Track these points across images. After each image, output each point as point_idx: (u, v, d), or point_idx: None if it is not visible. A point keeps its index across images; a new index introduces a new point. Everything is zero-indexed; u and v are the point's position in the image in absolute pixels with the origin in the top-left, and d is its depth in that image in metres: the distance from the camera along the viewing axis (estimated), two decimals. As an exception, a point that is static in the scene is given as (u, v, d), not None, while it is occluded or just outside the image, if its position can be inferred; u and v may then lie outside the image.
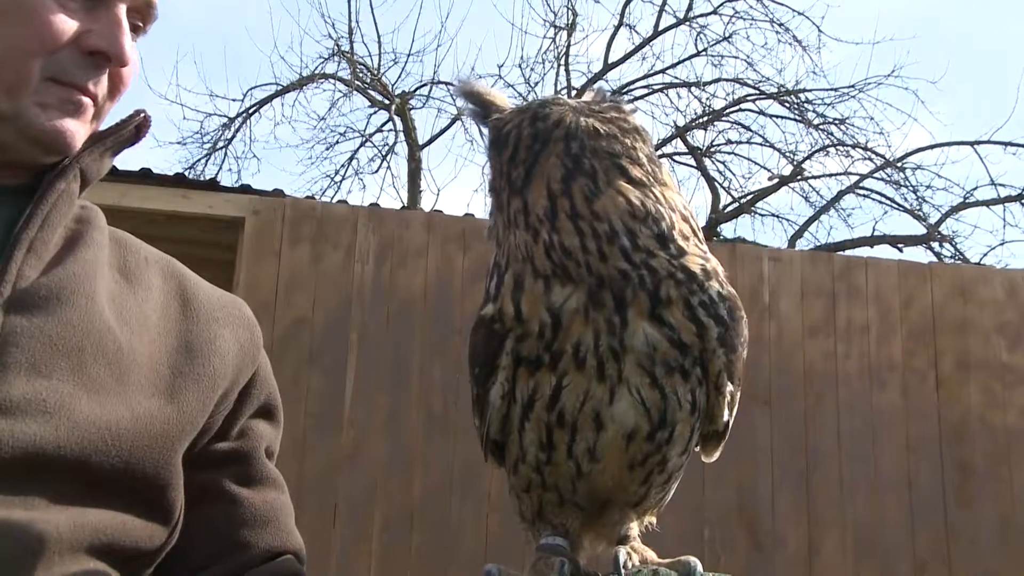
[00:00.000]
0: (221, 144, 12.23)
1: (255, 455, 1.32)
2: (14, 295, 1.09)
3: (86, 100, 1.17)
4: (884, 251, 11.39)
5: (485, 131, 1.22)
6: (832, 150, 12.09)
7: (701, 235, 1.16)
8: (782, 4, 12.05)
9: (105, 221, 1.26)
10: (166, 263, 1.32)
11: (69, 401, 1.08)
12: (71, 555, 1.09)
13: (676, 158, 12.59)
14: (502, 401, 1.17)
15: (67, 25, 1.13)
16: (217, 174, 11.94)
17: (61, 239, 1.17)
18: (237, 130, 12.28)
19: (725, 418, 1.16)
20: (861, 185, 11.96)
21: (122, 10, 1.17)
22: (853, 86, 11.95)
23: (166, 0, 1.23)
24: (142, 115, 1.27)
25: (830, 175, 12.27)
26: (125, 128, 1.26)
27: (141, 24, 1.22)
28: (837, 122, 11.97)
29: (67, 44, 1.13)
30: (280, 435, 1.38)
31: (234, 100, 12.48)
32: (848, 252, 10.20)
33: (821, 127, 12.03)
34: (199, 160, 12.16)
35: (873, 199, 11.95)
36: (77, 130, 1.17)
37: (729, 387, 1.13)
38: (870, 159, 12.02)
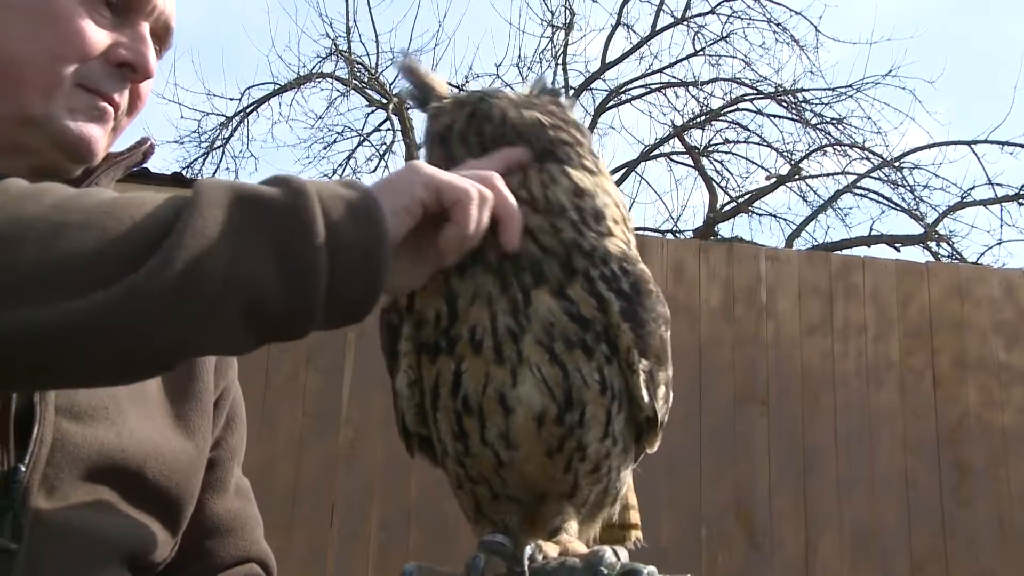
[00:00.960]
0: (219, 143, 12.21)
1: (221, 463, 1.36)
2: None
3: (110, 109, 1.22)
4: (881, 251, 11.40)
5: (421, 114, 1.22)
6: (830, 150, 12.08)
7: (631, 226, 1.16)
8: (779, 4, 12.06)
9: None
10: None
11: (125, 409, 1.15)
12: (117, 560, 1.13)
13: (674, 157, 12.58)
14: (410, 390, 1.17)
15: (99, 36, 1.19)
16: (215, 173, 11.92)
17: None
18: (235, 129, 12.26)
19: (646, 399, 1.12)
20: (858, 185, 11.96)
21: (146, 28, 1.24)
22: (851, 86, 11.95)
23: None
24: (148, 143, 1.35)
25: (828, 175, 12.27)
26: (135, 153, 1.32)
27: (158, 47, 1.29)
28: (835, 122, 11.97)
29: (98, 54, 1.19)
30: (243, 440, 1.42)
31: (232, 99, 12.46)
32: (845, 252, 10.20)
33: (819, 127, 12.02)
34: (197, 159, 12.15)
35: (871, 199, 11.94)
36: (101, 138, 1.22)
37: (643, 364, 1.10)
38: (867, 159, 12.02)
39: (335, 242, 0.91)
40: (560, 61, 12.38)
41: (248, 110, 12.26)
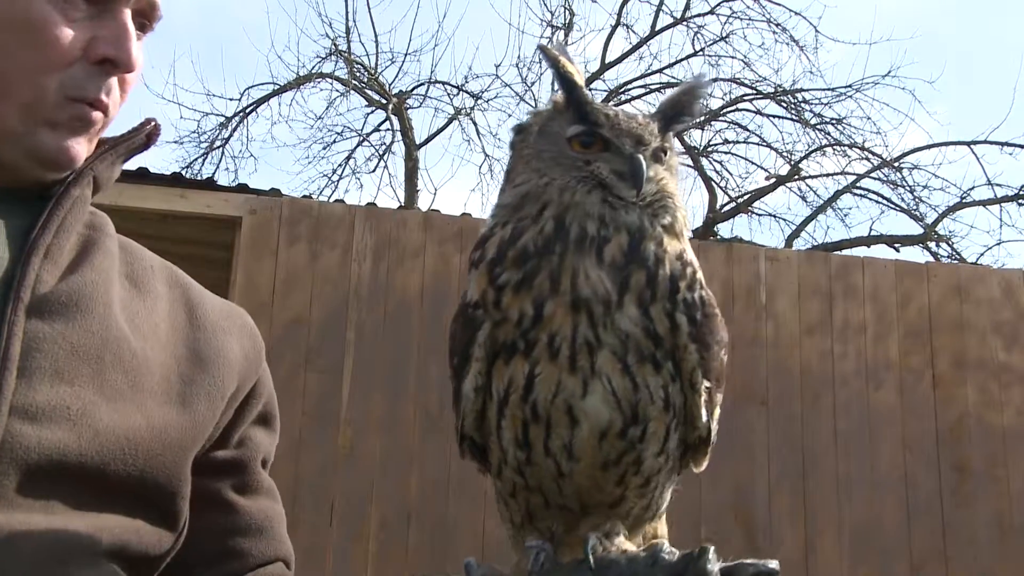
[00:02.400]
0: (218, 143, 12.23)
1: (253, 465, 1.34)
2: (34, 301, 1.09)
3: (97, 114, 1.17)
4: (881, 251, 11.40)
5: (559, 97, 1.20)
6: (829, 150, 12.10)
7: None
8: (779, 4, 12.07)
9: (113, 227, 1.26)
10: (170, 271, 1.33)
11: (91, 409, 1.09)
12: (88, 560, 1.10)
13: (673, 158, 12.56)
14: (476, 395, 1.17)
15: (76, 38, 1.13)
16: (214, 173, 11.93)
17: (75, 245, 1.18)
18: (234, 129, 12.29)
19: (704, 419, 1.15)
20: (858, 185, 11.97)
21: (127, 15, 1.17)
22: (850, 86, 11.97)
23: (163, 0, 1.24)
24: (153, 123, 1.29)
25: (827, 175, 12.29)
26: (136, 136, 1.27)
27: (147, 22, 1.22)
28: (834, 122, 11.99)
29: (78, 58, 1.13)
30: (276, 442, 1.40)
31: (231, 99, 12.47)
32: (845, 252, 10.20)
33: (818, 127, 12.04)
34: (196, 159, 12.16)
35: (870, 199, 11.96)
36: (82, 148, 1.18)
37: (705, 384, 1.13)
38: (867, 159, 12.04)
39: None
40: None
41: (248, 110, 12.28)
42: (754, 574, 1.04)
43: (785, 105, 12.27)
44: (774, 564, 1.05)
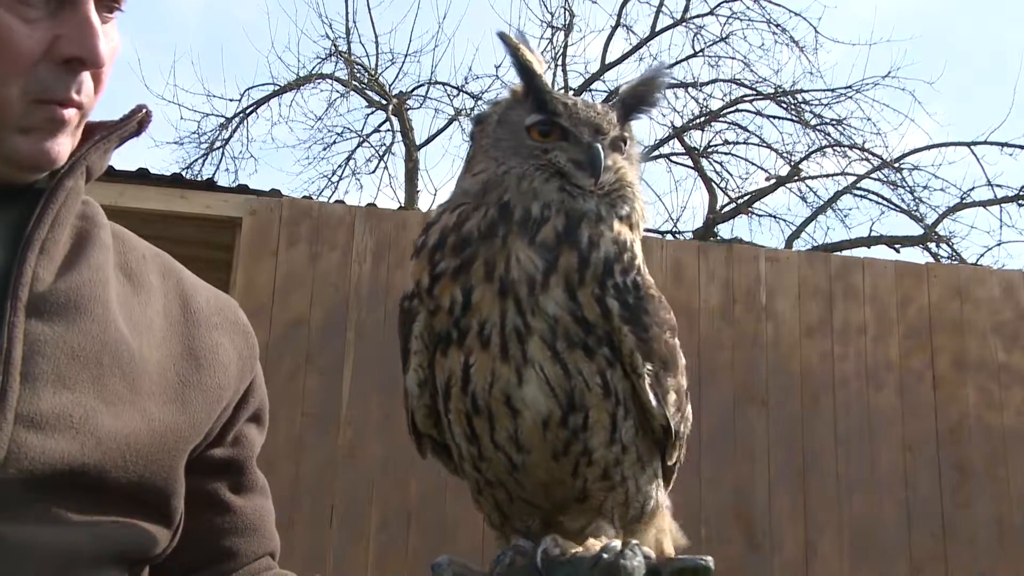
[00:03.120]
0: (218, 144, 12.23)
1: (248, 463, 1.34)
2: (32, 300, 1.07)
3: (70, 113, 1.12)
4: (881, 251, 11.40)
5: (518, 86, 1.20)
6: (829, 151, 12.11)
7: (642, 228, 1.18)
8: (779, 5, 12.06)
9: (105, 216, 1.24)
10: (162, 260, 1.31)
11: (92, 416, 1.07)
12: (91, 567, 1.09)
13: (673, 158, 12.59)
14: (420, 389, 1.17)
15: (33, 41, 1.06)
16: (214, 174, 11.94)
17: (69, 238, 1.16)
18: (234, 130, 12.28)
19: (653, 404, 1.11)
20: (858, 186, 11.97)
21: (89, 6, 1.10)
22: (850, 87, 11.97)
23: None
24: (144, 110, 1.25)
25: (827, 175, 12.29)
26: (128, 123, 1.24)
27: (117, 5, 1.14)
28: (834, 123, 11.99)
29: (40, 59, 1.07)
30: (264, 437, 1.39)
31: (231, 100, 12.46)
32: (845, 252, 10.20)
33: (818, 128, 12.04)
34: (196, 160, 12.16)
35: (870, 199, 11.96)
36: (63, 146, 1.13)
37: (647, 367, 1.10)
38: (867, 160, 12.03)
39: None
40: (560, 62, 12.39)
41: (248, 111, 12.28)
42: (679, 568, 1.03)
43: (785, 106, 12.27)
44: (708, 560, 1.04)
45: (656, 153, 12.42)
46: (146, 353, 1.16)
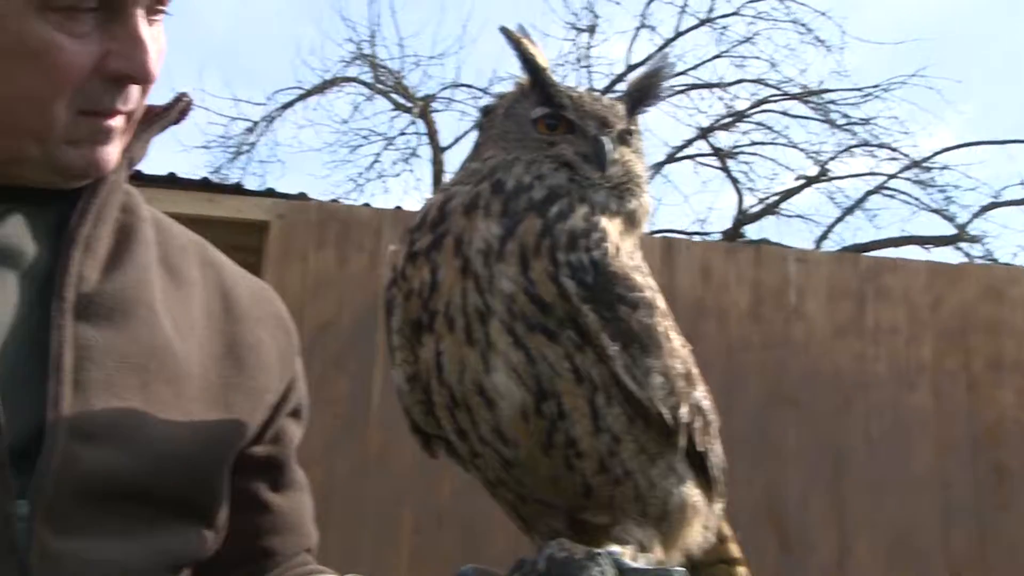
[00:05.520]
0: (246, 148, 12.30)
1: (289, 461, 1.32)
2: (80, 302, 1.05)
3: (116, 123, 1.11)
4: (911, 251, 11.31)
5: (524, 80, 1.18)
6: (857, 150, 12.02)
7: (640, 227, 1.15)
8: (804, 5, 11.99)
9: (145, 206, 1.23)
10: (201, 249, 1.30)
11: (141, 425, 1.05)
12: None
13: (700, 159, 12.54)
14: (410, 385, 1.14)
15: (83, 58, 1.04)
16: (242, 178, 12.00)
17: (112, 233, 1.14)
18: (261, 134, 12.35)
19: (632, 387, 1.05)
20: (887, 185, 11.90)
21: (138, 19, 1.07)
22: (877, 86, 11.88)
23: (191, 6, 1.17)
24: (186, 100, 1.24)
25: (855, 175, 12.21)
26: (169, 113, 1.22)
27: (163, 7, 1.12)
28: (862, 122, 11.90)
29: (89, 74, 1.05)
30: (303, 431, 1.38)
31: (258, 104, 12.49)
32: (875, 253, 10.12)
33: (845, 127, 11.96)
34: (224, 164, 12.23)
35: (900, 199, 11.87)
36: (111, 155, 1.12)
37: (614, 348, 1.03)
38: (896, 159, 11.94)
39: None
40: (584, 64, 12.37)
41: (274, 115, 12.34)
42: None
43: (812, 106, 12.21)
44: (679, 570, 0.99)
45: (682, 154, 12.38)
46: (189, 354, 1.14)
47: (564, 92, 1.14)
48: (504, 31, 1.16)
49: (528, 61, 1.15)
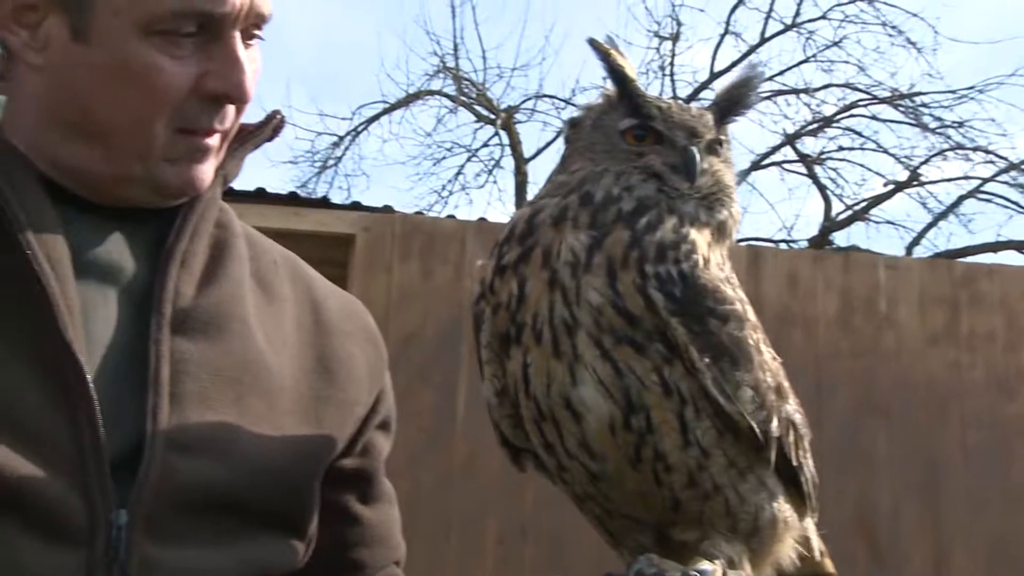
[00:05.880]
0: (331, 162, 12.47)
1: (377, 474, 1.33)
2: (176, 316, 1.08)
3: (213, 141, 1.13)
4: (1009, 257, 10.99)
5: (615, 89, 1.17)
6: (950, 154, 11.72)
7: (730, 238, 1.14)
8: (894, 6, 11.75)
9: (238, 221, 1.26)
10: (292, 264, 1.32)
11: (235, 438, 1.08)
12: None
13: (786, 166, 12.36)
14: (498, 399, 1.15)
15: (182, 79, 1.07)
16: (328, 192, 12.18)
17: (207, 249, 1.16)
18: (347, 148, 12.51)
19: (721, 401, 1.03)
20: (982, 189, 11.57)
21: (236, 41, 1.10)
22: (972, 87, 11.57)
23: (277, 25, 1.20)
24: (279, 117, 1.27)
25: (948, 180, 11.90)
26: (263, 130, 1.25)
27: (258, 32, 1.15)
28: (956, 125, 11.60)
29: (187, 94, 1.08)
30: (391, 444, 1.39)
31: (343, 119, 12.67)
32: (970, 259, 9.86)
33: (938, 131, 11.67)
34: (311, 179, 12.42)
35: (996, 203, 11.53)
36: (207, 173, 1.15)
37: (706, 362, 1.02)
38: (992, 162, 11.62)
39: None
40: (667, 72, 12.30)
41: (359, 129, 12.49)
42: None
43: (902, 109, 11.94)
44: None
45: (768, 161, 12.23)
46: (282, 368, 1.16)
47: (653, 103, 1.14)
48: (592, 43, 1.16)
49: (616, 72, 1.15)
